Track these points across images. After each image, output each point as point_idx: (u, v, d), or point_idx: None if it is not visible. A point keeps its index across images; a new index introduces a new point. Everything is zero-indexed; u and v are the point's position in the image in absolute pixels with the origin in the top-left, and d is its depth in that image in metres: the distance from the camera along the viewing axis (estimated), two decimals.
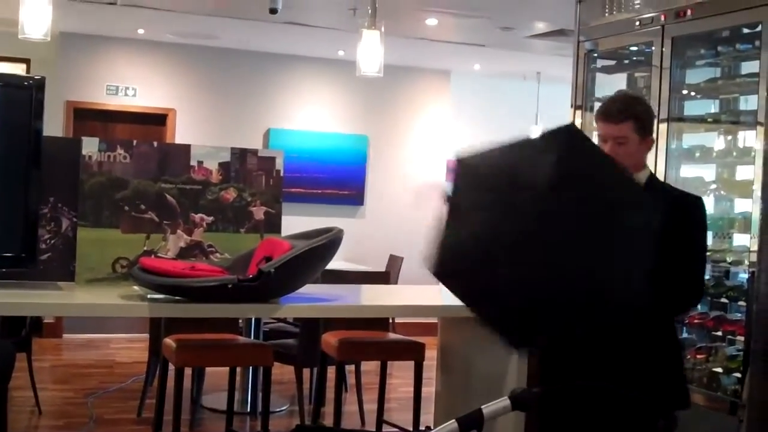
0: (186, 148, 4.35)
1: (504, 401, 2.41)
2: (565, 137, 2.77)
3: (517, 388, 2.43)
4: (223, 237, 4.30)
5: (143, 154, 4.26)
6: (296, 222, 4.73)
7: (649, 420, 2.86)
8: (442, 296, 5.15)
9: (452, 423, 2.35)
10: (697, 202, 3.20)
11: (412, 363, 4.75)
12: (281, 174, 4.43)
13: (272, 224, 4.36)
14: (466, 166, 2.94)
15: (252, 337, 5.89)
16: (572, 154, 2.69)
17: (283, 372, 6.90)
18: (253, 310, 4.10)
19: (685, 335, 5.14)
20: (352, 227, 9.53)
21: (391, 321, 8.01)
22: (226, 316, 4.24)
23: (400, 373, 6.86)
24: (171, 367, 4.41)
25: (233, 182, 4.33)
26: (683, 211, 3.12)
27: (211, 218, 4.30)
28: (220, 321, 4.58)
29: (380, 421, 4.98)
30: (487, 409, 2.41)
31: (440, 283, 3.06)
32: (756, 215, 4.17)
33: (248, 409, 6.20)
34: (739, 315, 4.55)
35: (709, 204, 5.02)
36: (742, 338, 4.30)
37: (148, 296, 3.66)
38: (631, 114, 3.14)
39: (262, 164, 4.39)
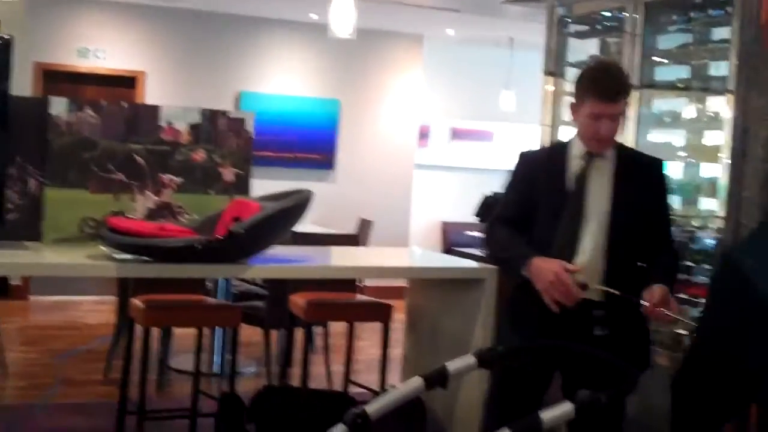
0: (155, 109, 4.32)
1: (469, 358, 2.44)
2: None
3: (483, 347, 2.46)
4: (192, 198, 4.29)
5: (112, 115, 4.22)
6: (267, 185, 4.73)
7: (610, 379, 2.92)
8: (410, 258, 5.19)
9: (417, 379, 2.38)
10: (662, 166, 3.33)
11: (380, 326, 4.77)
12: (251, 135, 4.41)
13: (242, 186, 4.35)
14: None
15: (221, 299, 5.88)
16: None
17: (251, 334, 6.90)
18: (221, 271, 4.10)
19: None
20: (322, 191, 9.49)
21: (360, 285, 8.05)
22: (194, 276, 4.24)
23: (368, 335, 6.89)
24: (139, 328, 4.41)
25: (203, 143, 4.30)
26: (656, 175, 3.28)
27: (180, 179, 4.28)
28: (188, 282, 4.57)
29: (347, 382, 5.00)
30: (453, 365, 2.44)
31: (409, 246, 3.12)
32: (723, 181, 4.20)
33: (216, 370, 6.20)
34: (704, 278, 4.60)
35: (678, 169, 5.07)
36: (704, 301, 4.34)
37: (116, 257, 3.65)
38: (626, 90, 3.19)
39: (232, 126, 4.37)
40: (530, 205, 3.19)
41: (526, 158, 3.34)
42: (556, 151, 3.29)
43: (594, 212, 3.12)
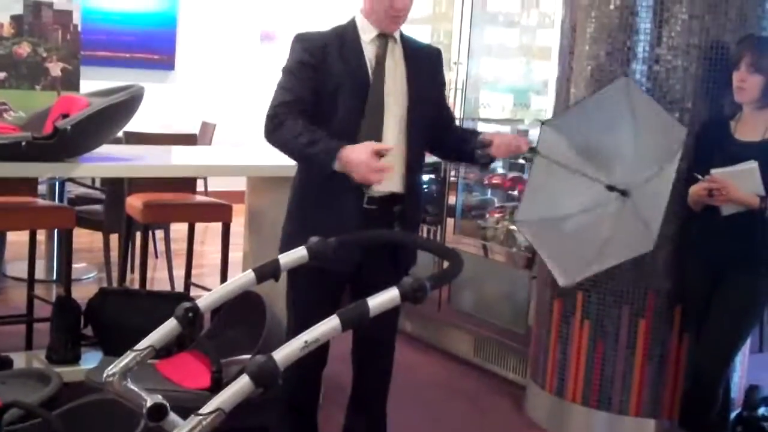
0: None
1: (301, 251, 2.46)
2: None
3: (315, 238, 2.48)
4: (18, 94, 4.11)
5: None
6: (102, 86, 4.55)
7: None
8: (251, 157, 5.14)
9: (249, 272, 2.39)
10: (440, 52, 3.26)
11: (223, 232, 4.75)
12: (78, 29, 4.23)
13: (70, 81, 4.20)
14: None
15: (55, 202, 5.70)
16: None
17: (92, 239, 6.76)
18: (50, 169, 3.93)
19: (487, 196, 5.38)
20: (162, 93, 9.32)
21: (204, 189, 7.95)
22: (20, 175, 4.06)
23: (212, 240, 6.85)
24: None
25: (27, 36, 4.10)
26: (438, 63, 3.21)
27: (3, 74, 4.08)
28: (17, 184, 4.40)
29: (188, 285, 4.97)
30: (284, 258, 2.46)
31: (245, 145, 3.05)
32: (553, 80, 4.32)
33: (54, 277, 6.05)
34: None
35: (512, 69, 5.20)
36: None
37: None
38: None
39: (59, 18, 4.17)
40: (323, 95, 2.97)
41: (308, 42, 3.02)
42: (348, 34, 3.04)
43: (394, 101, 3.01)
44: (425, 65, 3.13)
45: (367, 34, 3.02)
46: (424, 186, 5.52)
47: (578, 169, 2.99)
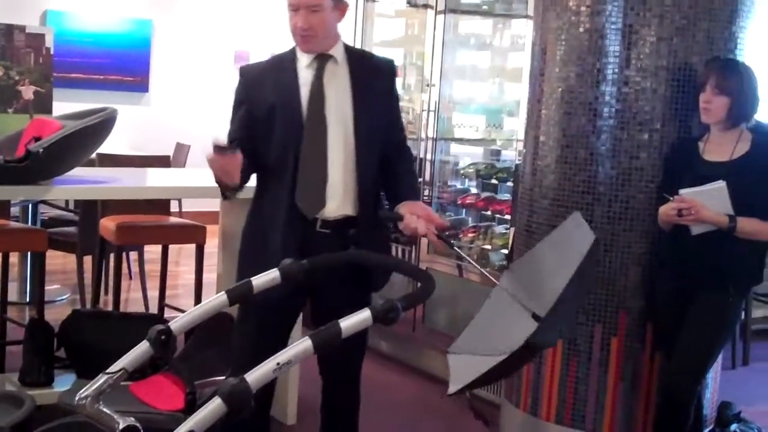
0: None
1: (274, 273, 2.47)
2: None
3: (288, 260, 2.50)
4: None
5: None
6: (77, 109, 4.54)
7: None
8: None
9: (221, 294, 2.40)
10: (393, 65, 3.21)
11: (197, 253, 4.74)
12: (51, 52, 4.24)
13: (43, 104, 4.20)
14: None
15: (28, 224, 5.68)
16: None
17: (66, 262, 6.73)
18: (22, 192, 3.93)
19: (461, 215, 5.41)
20: (136, 115, 9.31)
21: (178, 210, 7.94)
22: None
23: (186, 261, 6.84)
24: None
25: None
26: (389, 78, 3.16)
27: None
28: None
29: (162, 306, 4.96)
30: (257, 281, 2.47)
31: None
32: (524, 101, 4.37)
33: (27, 299, 6.02)
34: (508, 196, 4.82)
35: (484, 90, 5.25)
36: (509, 217, 4.55)
37: None
38: None
39: (31, 41, 4.18)
40: (258, 124, 2.98)
41: (244, 75, 3.08)
42: (285, 61, 3.04)
43: (337, 122, 2.97)
44: (374, 81, 3.07)
45: (306, 58, 3.01)
46: None
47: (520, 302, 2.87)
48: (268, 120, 2.97)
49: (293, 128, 2.95)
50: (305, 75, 3.00)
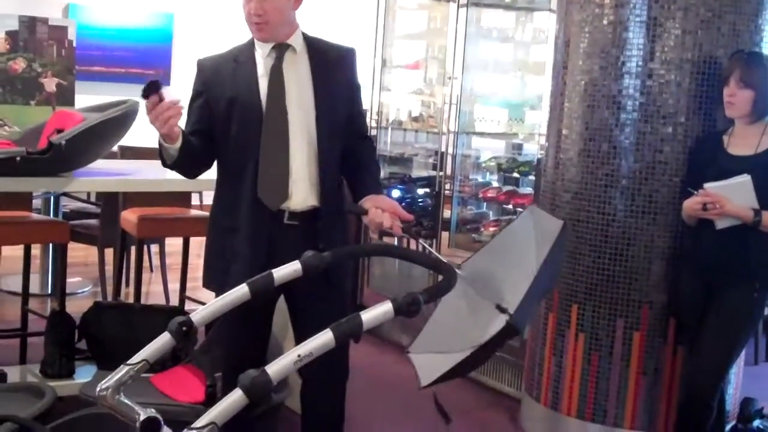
0: None
1: (295, 265, 2.46)
2: None
3: (310, 252, 2.48)
4: (13, 109, 4.12)
5: None
6: (98, 101, 4.55)
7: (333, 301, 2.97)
8: None
9: (243, 287, 2.39)
10: (353, 53, 3.13)
11: None
12: (74, 44, 4.25)
13: (65, 96, 4.21)
14: None
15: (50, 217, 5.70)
16: None
17: (88, 254, 6.75)
18: (44, 184, 3.95)
19: (482, 209, 5.39)
20: None
21: (199, 203, 7.95)
22: (15, 190, 4.07)
23: None
24: None
25: (22, 52, 4.11)
26: (348, 63, 3.08)
27: None
28: (11, 198, 4.40)
29: (183, 298, 4.97)
30: (278, 273, 2.45)
31: None
32: (547, 94, 4.34)
33: (49, 291, 6.05)
34: (530, 189, 4.80)
35: (506, 83, 5.22)
36: None
37: None
38: None
39: (54, 34, 4.19)
40: (215, 116, 2.96)
41: (201, 66, 3.06)
42: (243, 53, 3.01)
43: (298, 109, 2.93)
44: (335, 70, 3.02)
45: (264, 49, 2.97)
46: (419, 200, 5.55)
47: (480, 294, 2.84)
48: (227, 112, 2.93)
49: (253, 120, 2.91)
50: (264, 66, 2.95)
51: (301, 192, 2.93)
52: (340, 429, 3.15)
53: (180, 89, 3.16)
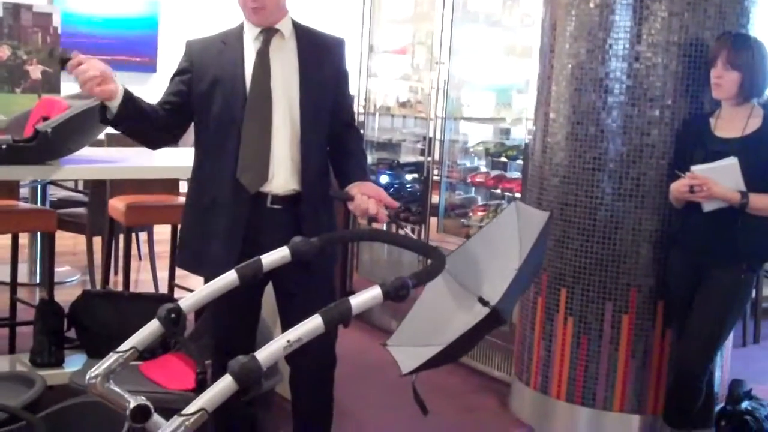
0: None
1: (284, 251, 2.45)
2: None
3: (298, 238, 2.48)
4: None
5: None
6: None
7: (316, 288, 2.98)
8: None
9: (231, 273, 2.38)
10: (342, 43, 3.13)
11: None
12: (59, 31, 4.21)
13: (51, 84, 4.18)
14: None
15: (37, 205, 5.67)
16: None
17: (76, 243, 6.74)
18: (31, 172, 3.92)
19: (470, 194, 5.39)
20: (144, 95, 9.19)
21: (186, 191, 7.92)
22: (1, 179, 4.04)
23: None
24: None
25: (6, 39, 4.08)
26: (338, 55, 3.09)
27: None
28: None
29: (172, 286, 4.95)
30: (267, 258, 2.44)
31: None
32: (534, 78, 4.34)
33: (37, 280, 6.03)
34: (518, 174, 4.79)
35: (493, 68, 5.21)
36: (519, 195, 4.53)
37: None
38: None
39: (38, 21, 4.15)
40: (196, 94, 2.96)
41: (189, 47, 3.08)
42: (231, 36, 3.03)
43: (283, 95, 2.93)
44: (323, 58, 3.02)
45: (251, 33, 2.98)
46: (407, 185, 5.55)
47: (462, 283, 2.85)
48: (209, 92, 2.93)
49: (236, 101, 2.91)
50: (251, 49, 2.96)
51: (282, 175, 2.93)
52: (330, 415, 3.16)
53: (166, 77, 3.14)
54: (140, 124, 2.93)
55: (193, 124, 3.04)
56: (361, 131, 3.30)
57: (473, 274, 2.72)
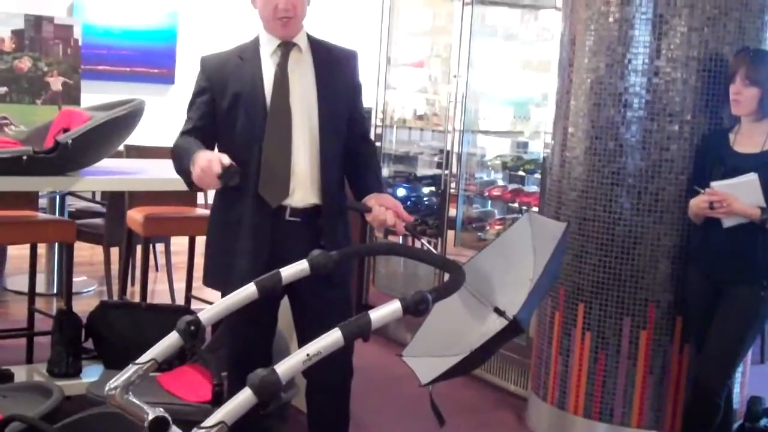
0: None
1: (302, 264, 2.46)
2: None
3: (317, 251, 2.48)
4: (19, 108, 4.12)
5: None
6: (103, 101, 4.56)
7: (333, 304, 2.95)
8: None
9: (250, 286, 2.39)
10: (356, 55, 3.14)
11: None
12: (79, 43, 4.25)
13: (71, 95, 4.21)
14: None
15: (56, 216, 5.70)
16: None
17: (93, 253, 6.76)
18: (50, 183, 3.95)
19: (487, 208, 5.39)
20: (163, 106, 9.31)
21: (204, 202, 7.94)
22: (21, 189, 4.07)
23: None
24: None
25: (28, 51, 4.11)
26: (353, 68, 3.10)
27: (4, 89, 4.09)
28: (18, 198, 4.40)
29: (189, 297, 4.96)
30: (286, 272, 2.44)
31: None
32: (552, 92, 4.33)
33: (55, 291, 6.06)
34: (535, 188, 4.79)
35: (511, 81, 5.21)
36: (536, 209, 4.52)
37: None
38: None
39: (59, 32, 4.19)
40: (220, 113, 2.96)
41: (206, 64, 3.07)
42: (248, 51, 3.03)
43: (302, 110, 2.94)
44: (338, 71, 3.03)
45: (269, 47, 2.98)
46: (424, 199, 5.54)
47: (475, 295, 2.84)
48: (231, 110, 2.94)
49: (257, 117, 2.91)
50: (269, 63, 2.96)
51: (302, 189, 2.94)
52: (346, 428, 3.15)
53: (184, 89, 3.15)
54: None
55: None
56: (378, 144, 3.29)
57: (487, 285, 2.72)
